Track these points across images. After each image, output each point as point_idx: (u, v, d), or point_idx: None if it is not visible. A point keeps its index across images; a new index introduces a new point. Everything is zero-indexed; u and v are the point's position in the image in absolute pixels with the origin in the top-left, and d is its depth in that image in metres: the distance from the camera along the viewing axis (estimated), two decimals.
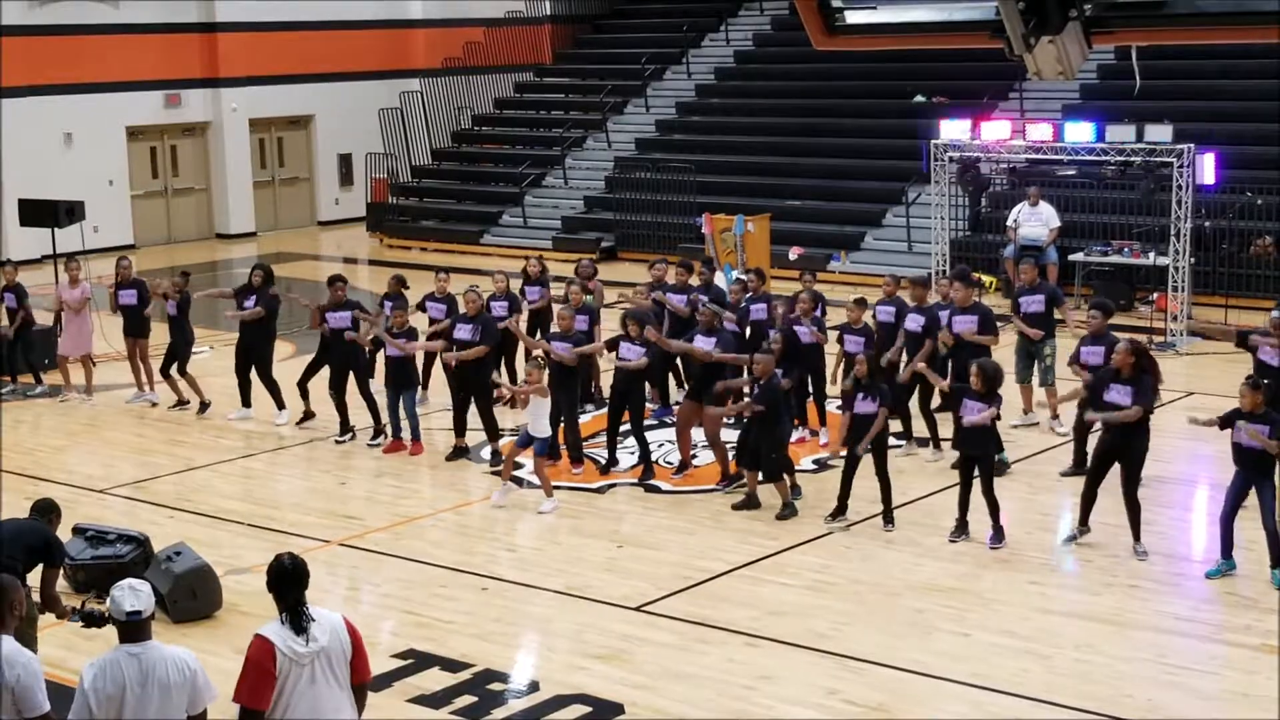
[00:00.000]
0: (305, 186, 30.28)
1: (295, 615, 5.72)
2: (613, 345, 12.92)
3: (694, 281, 14.73)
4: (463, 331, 13.12)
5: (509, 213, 26.96)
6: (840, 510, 11.16)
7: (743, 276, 15.37)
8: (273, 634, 5.71)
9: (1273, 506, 9.76)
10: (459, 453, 13.17)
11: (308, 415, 14.25)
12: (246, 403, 14.69)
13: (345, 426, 13.85)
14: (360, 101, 29.19)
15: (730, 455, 12.18)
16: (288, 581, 5.77)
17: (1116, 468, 10.40)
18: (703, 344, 12.32)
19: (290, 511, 12.06)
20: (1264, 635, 9.06)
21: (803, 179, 24.56)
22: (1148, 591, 9.84)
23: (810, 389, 13.23)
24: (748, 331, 13.58)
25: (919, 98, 25.17)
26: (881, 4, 6.20)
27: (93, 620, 6.49)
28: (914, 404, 13.00)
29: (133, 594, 5.75)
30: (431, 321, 14.57)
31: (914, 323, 13.06)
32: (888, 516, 11.07)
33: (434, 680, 8.70)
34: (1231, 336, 12.18)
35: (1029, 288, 13.63)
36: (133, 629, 5.73)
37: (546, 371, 12.17)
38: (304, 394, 14.20)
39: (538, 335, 14.43)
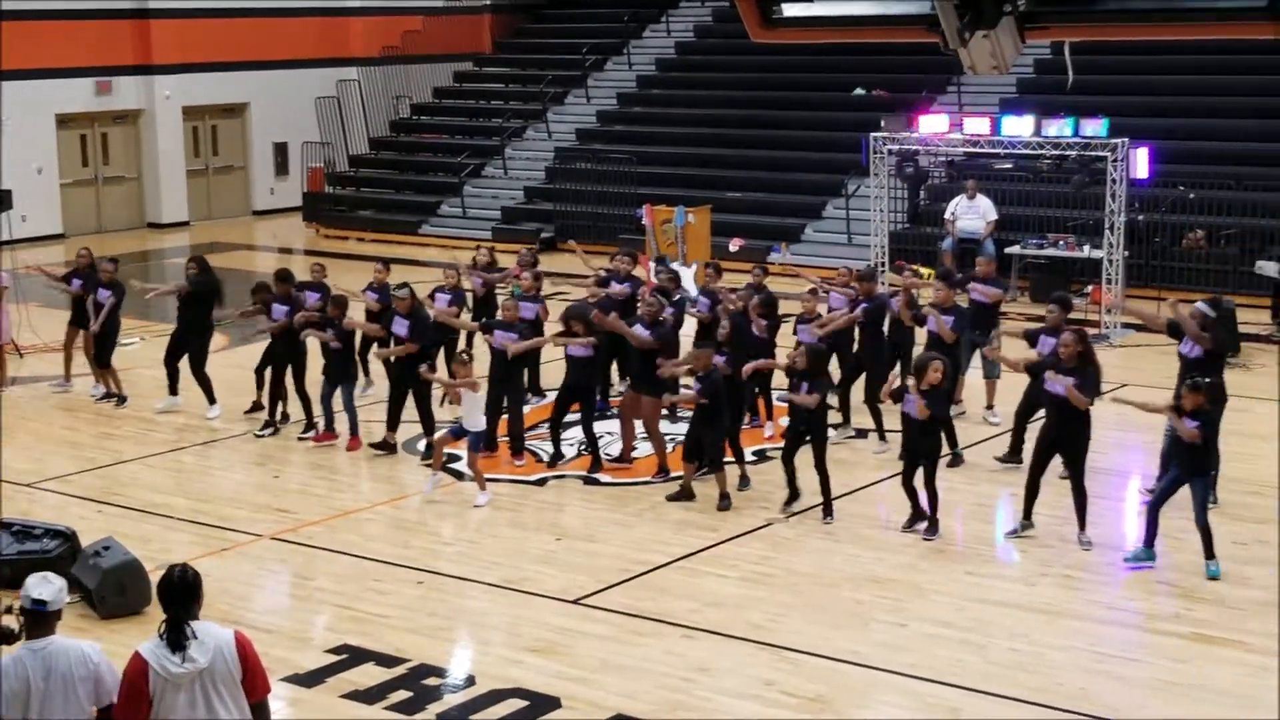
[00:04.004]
0: (240, 175, 29.90)
1: (172, 632, 5.52)
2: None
3: (637, 273, 14.81)
4: (399, 328, 13.00)
5: (448, 203, 26.80)
6: (794, 496, 11.22)
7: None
8: (148, 651, 5.53)
9: (1204, 503, 9.93)
10: (385, 446, 13.03)
11: (258, 406, 14.01)
12: (174, 391, 14.48)
13: (269, 420, 13.71)
14: (296, 90, 28.85)
15: (671, 448, 12.20)
16: (174, 595, 5.59)
17: (1057, 459, 10.53)
18: (642, 333, 12.30)
19: (222, 505, 11.89)
20: (1194, 624, 9.19)
21: (743, 171, 24.59)
22: (1082, 581, 9.94)
23: (759, 383, 13.21)
24: (698, 322, 13.65)
25: (858, 91, 25.28)
26: None
27: (5, 638, 6.43)
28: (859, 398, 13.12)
29: (42, 583, 5.68)
30: (369, 314, 14.40)
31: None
32: (827, 509, 11.11)
33: (368, 675, 8.61)
34: (1162, 325, 12.16)
35: (982, 279, 13.74)
36: (37, 620, 5.62)
37: (473, 364, 12.03)
38: (259, 384, 13.99)
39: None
